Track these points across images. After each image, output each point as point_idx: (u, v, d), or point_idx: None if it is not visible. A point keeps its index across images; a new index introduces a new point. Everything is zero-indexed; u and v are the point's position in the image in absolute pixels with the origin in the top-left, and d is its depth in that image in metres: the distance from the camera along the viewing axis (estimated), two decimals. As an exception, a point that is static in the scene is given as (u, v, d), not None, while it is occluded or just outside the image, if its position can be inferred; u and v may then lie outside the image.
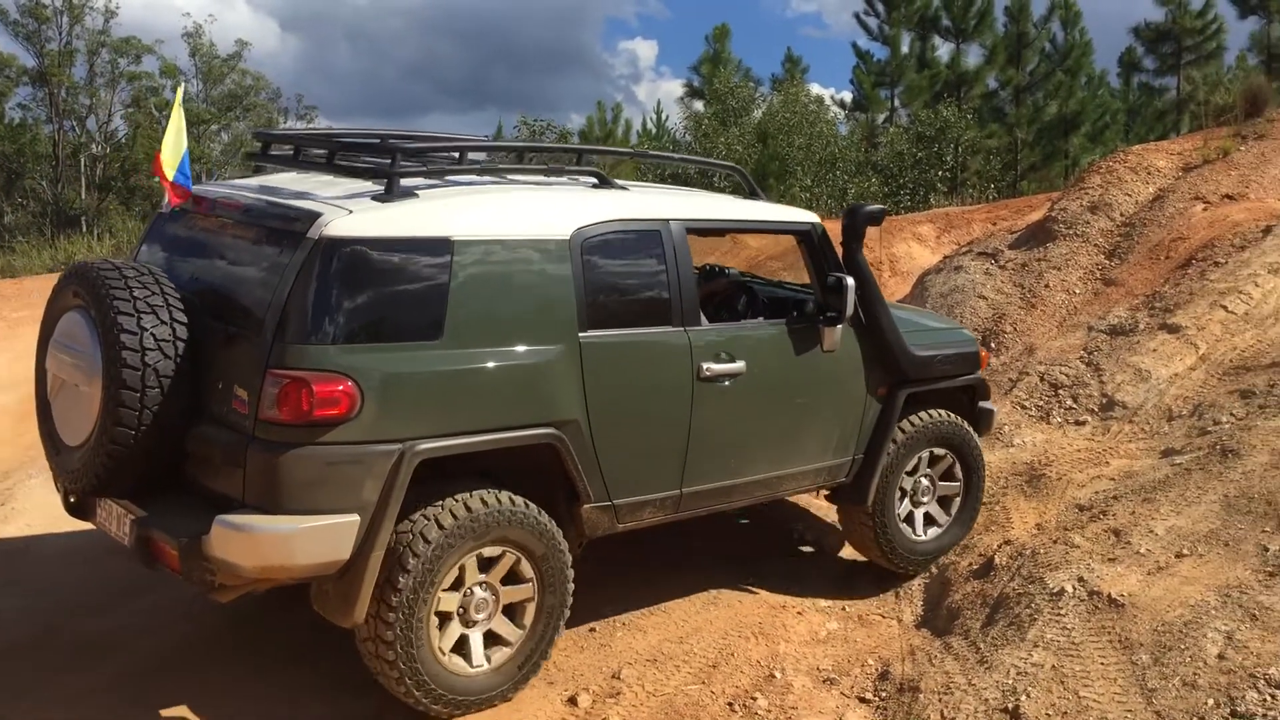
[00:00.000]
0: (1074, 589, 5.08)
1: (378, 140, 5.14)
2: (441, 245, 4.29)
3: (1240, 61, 29.44)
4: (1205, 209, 10.29)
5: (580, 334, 4.60)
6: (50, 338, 4.62)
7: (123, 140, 36.53)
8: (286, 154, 5.22)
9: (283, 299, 4.05)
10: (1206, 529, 5.38)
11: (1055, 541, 5.69)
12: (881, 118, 31.94)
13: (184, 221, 4.91)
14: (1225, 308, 8.27)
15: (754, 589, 5.87)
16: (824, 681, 5.01)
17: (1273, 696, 4.05)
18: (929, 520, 6.10)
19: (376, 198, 4.39)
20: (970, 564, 5.87)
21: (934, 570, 6.02)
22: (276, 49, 78.84)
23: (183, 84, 7.01)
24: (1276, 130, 11.85)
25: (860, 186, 23.83)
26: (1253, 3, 27.86)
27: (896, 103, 32.12)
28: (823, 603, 5.83)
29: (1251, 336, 7.88)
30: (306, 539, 4.01)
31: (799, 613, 5.66)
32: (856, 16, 32.05)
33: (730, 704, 4.78)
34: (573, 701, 4.74)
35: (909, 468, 5.91)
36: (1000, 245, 11.25)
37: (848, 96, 33.14)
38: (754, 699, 4.79)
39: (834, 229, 5.77)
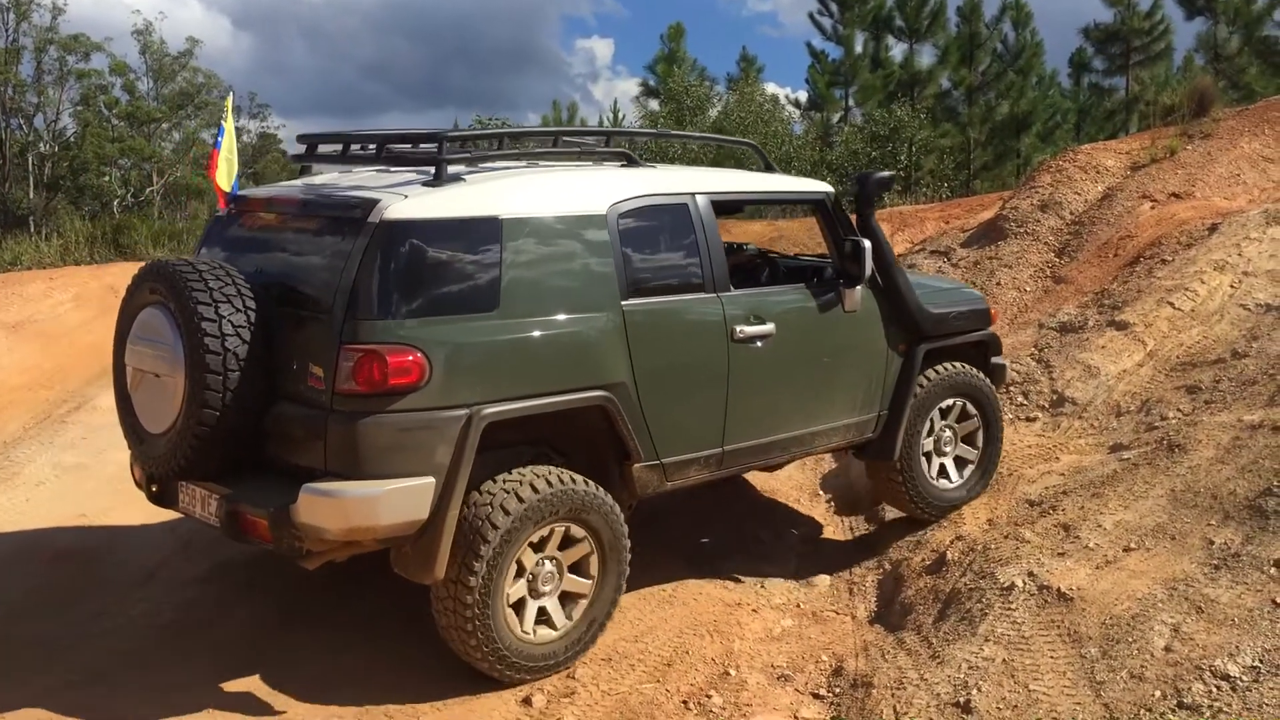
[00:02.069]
0: (1024, 583, 5.13)
1: (424, 132, 5.35)
2: (491, 224, 4.62)
3: (1187, 62, 29.93)
4: (1153, 207, 10.44)
5: (623, 302, 4.92)
6: (128, 335, 4.90)
7: (71, 139, 35.96)
8: (326, 154, 5.53)
9: (350, 280, 4.36)
10: (1153, 523, 5.45)
11: (1006, 537, 5.75)
12: (836, 117, 32.14)
13: (238, 222, 5.24)
14: (1172, 305, 8.39)
15: (710, 587, 5.88)
16: (778, 678, 5.03)
17: (1218, 688, 4.11)
18: (956, 466, 6.44)
19: (427, 184, 4.72)
20: (923, 559, 5.91)
21: (887, 566, 6.06)
22: (229, 47, 78.11)
23: (231, 95, 7.12)
24: (1222, 130, 12.04)
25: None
26: (1199, 4, 28.29)
27: (851, 102, 32.33)
28: (777, 600, 5.85)
29: (1198, 333, 8.00)
30: (389, 500, 4.31)
31: (754, 610, 5.67)
32: (811, 16, 32.26)
33: (685, 702, 4.79)
34: (527, 702, 4.72)
35: (931, 419, 6.24)
36: (953, 244, 11.36)
37: (803, 96, 33.42)
38: (709, 697, 4.80)
39: (788, 228, 5.81)
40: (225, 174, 5.15)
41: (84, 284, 12.53)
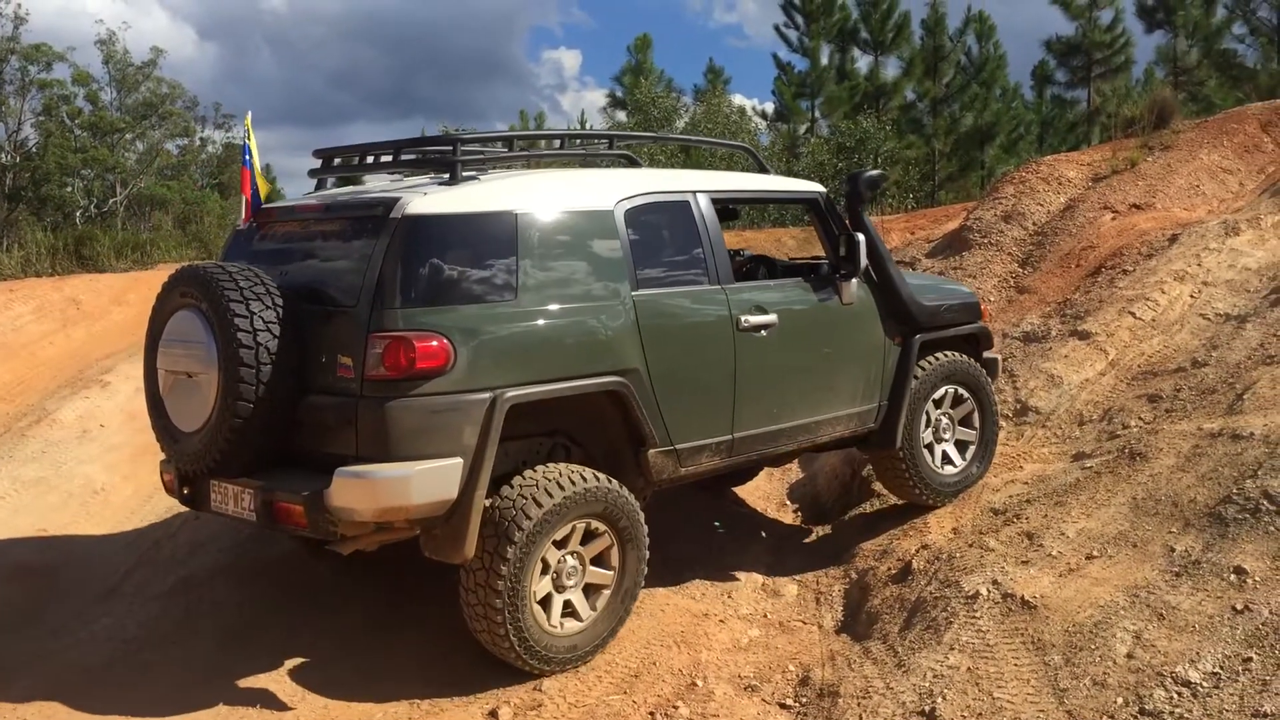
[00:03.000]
0: (988, 592, 5.16)
1: (438, 136, 5.62)
2: (506, 218, 4.87)
3: (1148, 75, 30.26)
4: (1114, 218, 10.56)
5: (633, 292, 5.14)
6: (159, 339, 5.09)
7: (33, 149, 35.57)
8: (342, 166, 5.82)
9: (375, 273, 4.59)
10: (1115, 531, 5.50)
11: (971, 545, 5.78)
12: (803, 128, 32.30)
13: (258, 232, 5.47)
14: (1134, 314, 8.48)
15: (677, 598, 5.88)
16: (745, 689, 5.03)
17: (1179, 694, 4.15)
18: (953, 455, 6.64)
19: (443, 183, 5.02)
20: (889, 569, 5.94)
21: (854, 575, 6.08)
22: (194, 56, 77.59)
23: (249, 114, 7.21)
24: (1182, 142, 12.20)
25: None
26: (1159, 18, 28.66)
27: (817, 114, 32.53)
28: (744, 610, 5.86)
29: (1158, 342, 8.09)
30: (420, 481, 4.48)
31: (721, 620, 5.68)
32: (777, 29, 32.45)
33: (652, 713, 4.78)
34: (493, 715, 4.70)
35: (929, 407, 6.47)
36: (918, 254, 11.44)
37: (769, 107, 33.61)
38: (676, 708, 4.80)
39: (754, 239, 5.87)
40: (266, 190, 5.66)
41: (45, 296, 12.40)
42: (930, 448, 6.51)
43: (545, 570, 4.91)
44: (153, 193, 35.80)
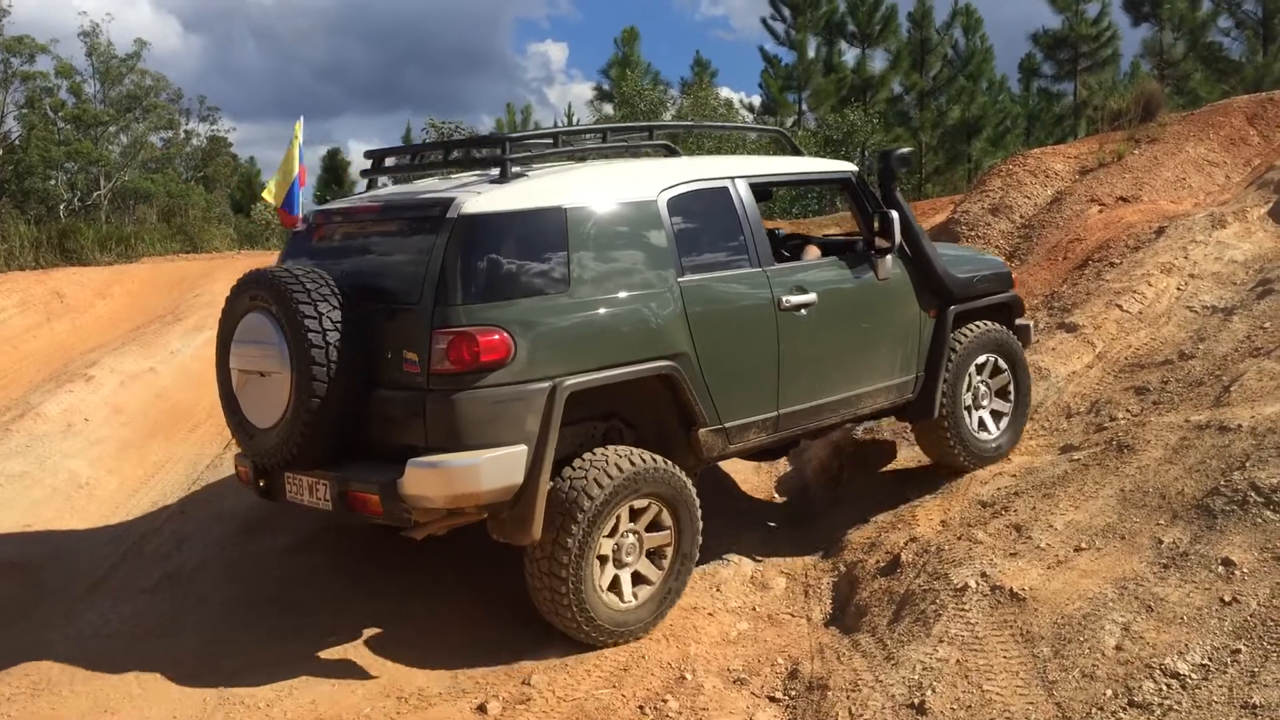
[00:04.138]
0: (977, 584, 5.16)
1: (487, 136, 5.84)
2: (557, 213, 5.06)
3: (1134, 68, 30.31)
4: (1101, 211, 10.58)
5: (679, 279, 5.34)
6: (230, 340, 5.29)
7: (16, 142, 35.29)
8: (394, 166, 6.03)
9: (436, 272, 4.78)
10: (1103, 523, 5.51)
11: (959, 538, 5.79)
12: (789, 121, 32.25)
13: (317, 234, 5.64)
14: (1120, 307, 8.50)
15: (665, 591, 5.87)
16: (734, 682, 5.02)
17: (1168, 686, 4.15)
18: (988, 422, 6.88)
19: (493, 181, 5.19)
20: (877, 561, 5.94)
21: (842, 568, 6.08)
22: (179, 48, 77.08)
23: (301, 120, 7.20)
24: (1168, 134, 12.24)
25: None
26: (1145, 11, 28.71)
27: (804, 106, 32.50)
28: (733, 603, 5.85)
29: (1145, 335, 8.11)
30: (488, 468, 4.72)
31: (710, 614, 5.67)
32: (764, 21, 32.42)
33: (641, 707, 4.77)
34: (482, 709, 4.69)
35: (971, 371, 6.71)
36: (905, 247, 11.42)
37: (756, 100, 33.48)
38: (665, 701, 4.79)
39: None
40: (278, 194, 5.80)
41: (28, 289, 12.32)
42: (969, 410, 6.74)
43: (606, 547, 5.14)
44: (137, 186, 35.51)
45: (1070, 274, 9.45)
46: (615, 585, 5.23)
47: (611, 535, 5.16)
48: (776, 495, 7.67)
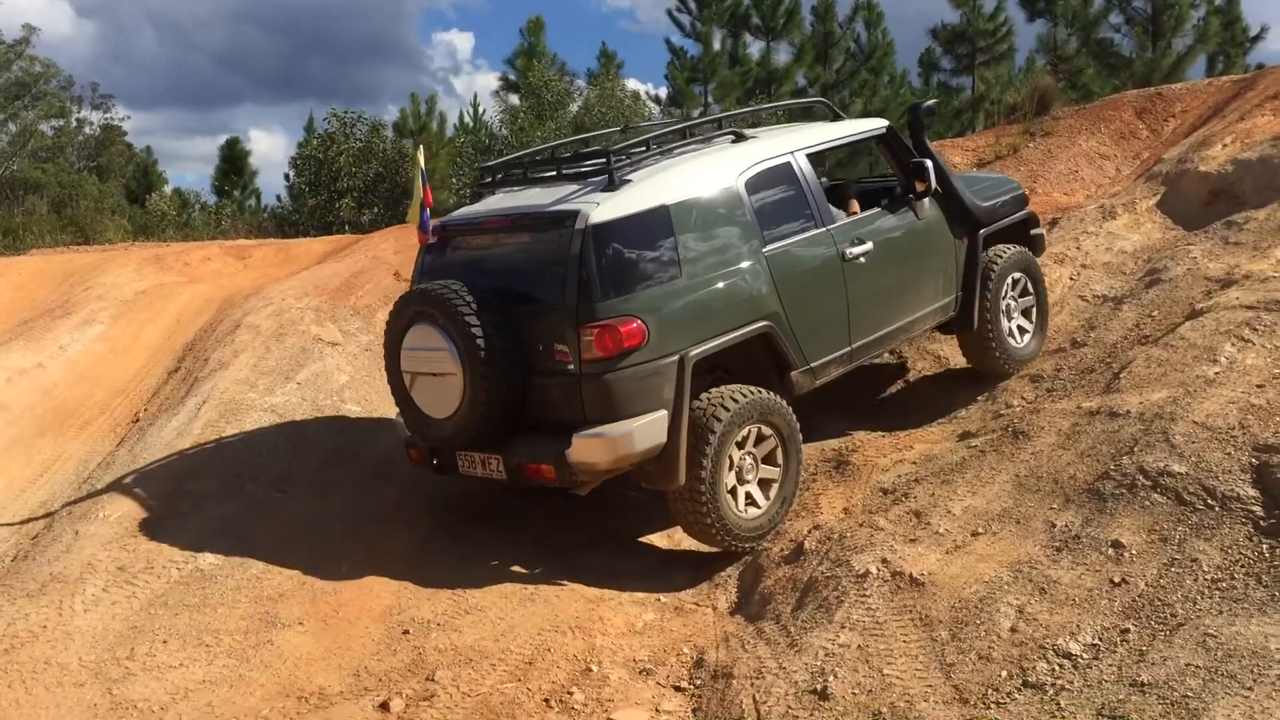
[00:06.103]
0: (878, 570, 5.24)
1: (592, 150, 6.67)
2: (662, 211, 5.92)
3: (1029, 62, 30.89)
4: (998, 203, 10.76)
5: (763, 249, 6.23)
6: (399, 348, 6.13)
7: (-104, 131, 33.90)
8: (502, 180, 6.83)
9: (575, 274, 5.66)
10: (999, 508, 5.62)
11: (861, 525, 5.86)
12: (696, 113, 32.35)
13: (449, 245, 6.48)
14: (1016, 296, 8.67)
15: (571, 584, 5.87)
16: (640, 672, 5.04)
17: (1060, 666, 4.26)
18: (1020, 331, 7.83)
19: (604, 189, 5.98)
20: (781, 549, 5.99)
21: (747, 557, 6.12)
22: (71, 34, 74.41)
23: (421, 148, 7.35)
24: (1062, 128, 12.54)
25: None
26: (1040, 6, 29.31)
27: (710, 98, 32.54)
28: (639, 594, 5.86)
29: (1040, 324, 8.28)
30: (640, 432, 5.65)
31: (616, 605, 5.67)
32: (669, 14, 32.36)
33: (547, 700, 4.76)
34: (384, 707, 4.64)
35: (1006, 287, 7.62)
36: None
37: (663, 92, 33.41)
38: (570, 693, 4.78)
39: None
40: (413, 216, 6.49)
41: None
42: (1005, 320, 7.65)
43: (731, 466, 5.99)
44: (26, 176, 34.34)
45: (968, 264, 9.62)
46: (740, 499, 6.07)
47: (734, 456, 5.99)
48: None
